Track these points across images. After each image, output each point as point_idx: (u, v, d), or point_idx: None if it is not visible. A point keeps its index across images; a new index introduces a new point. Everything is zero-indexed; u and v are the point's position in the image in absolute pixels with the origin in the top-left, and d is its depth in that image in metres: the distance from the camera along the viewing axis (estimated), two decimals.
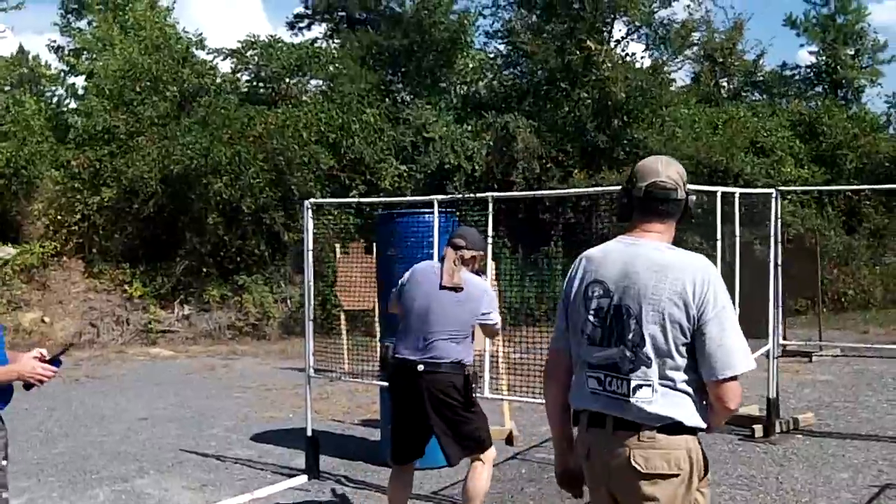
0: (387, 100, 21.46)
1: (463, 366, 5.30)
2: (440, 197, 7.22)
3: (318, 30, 26.87)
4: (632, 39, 22.81)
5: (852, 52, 28.85)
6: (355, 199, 14.59)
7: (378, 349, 7.97)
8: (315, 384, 8.20)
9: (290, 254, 18.11)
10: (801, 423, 8.81)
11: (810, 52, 29.68)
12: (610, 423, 3.06)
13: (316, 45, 24.19)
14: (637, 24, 22.21)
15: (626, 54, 21.70)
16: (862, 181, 21.78)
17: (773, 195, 8.66)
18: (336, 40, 25.26)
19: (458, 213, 7.82)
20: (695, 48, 25.10)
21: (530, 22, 22.10)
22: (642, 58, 22.19)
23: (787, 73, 29.75)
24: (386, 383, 6.16)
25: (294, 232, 17.45)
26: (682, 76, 27.05)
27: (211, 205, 17.95)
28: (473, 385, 5.39)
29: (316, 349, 7.79)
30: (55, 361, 3.87)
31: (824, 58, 28.76)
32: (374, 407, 9.07)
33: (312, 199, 8.07)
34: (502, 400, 7.95)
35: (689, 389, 3.03)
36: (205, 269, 18.55)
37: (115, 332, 17.50)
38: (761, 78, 29.25)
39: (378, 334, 8.78)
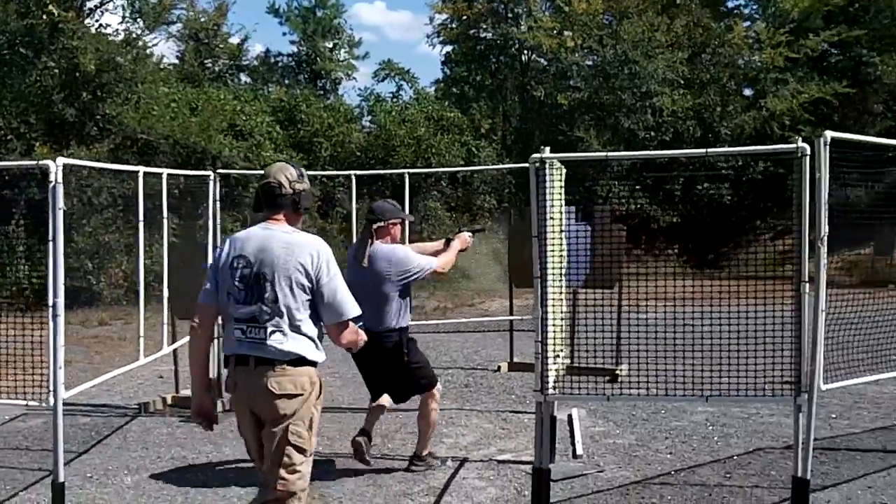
0: None
1: (394, 330, 6.11)
2: None
3: None
4: (106, 10, 21.70)
5: (330, 46, 30.37)
6: None
7: None
8: None
9: None
10: None
11: (292, 42, 30.81)
12: (252, 361, 4.06)
13: None
14: None
15: (100, 25, 20.54)
16: (336, 168, 22.83)
17: (211, 177, 8.45)
18: None
19: None
20: (178, 26, 24.64)
21: None
22: (117, 31, 21.12)
23: (272, 60, 30.54)
24: None
25: None
26: (167, 54, 26.53)
27: None
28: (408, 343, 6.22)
29: None
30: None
31: (305, 48, 29.92)
32: None
33: None
34: None
35: (311, 334, 4.13)
36: None
37: None
38: (247, 63, 29.70)
39: None
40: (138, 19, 21.31)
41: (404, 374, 6.24)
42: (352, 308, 4.17)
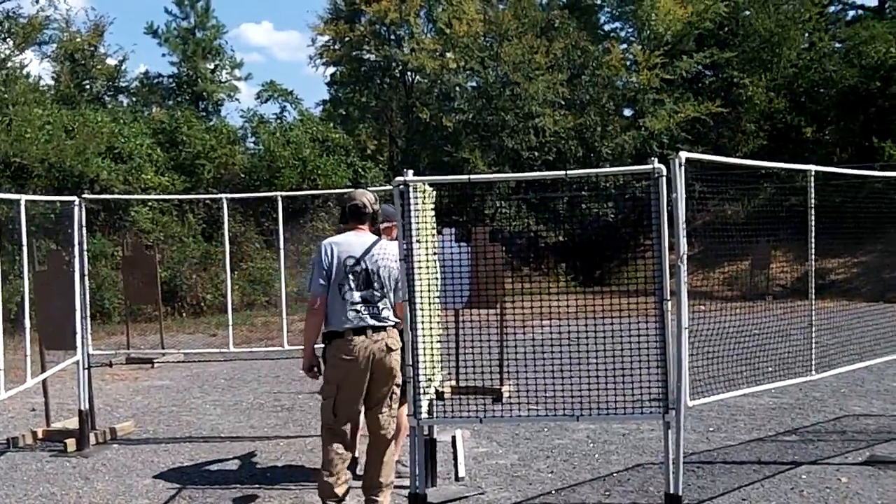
0: None
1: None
2: None
3: None
4: None
5: (211, 67, 29.87)
6: None
7: None
8: None
9: None
10: (119, 432, 8.52)
11: (171, 63, 30.15)
12: (370, 329, 5.48)
13: None
14: None
15: None
16: (220, 190, 22.39)
17: (76, 202, 8.12)
18: None
19: None
20: (52, 46, 23.89)
21: None
22: None
23: (152, 81, 29.88)
24: None
25: None
26: (43, 75, 25.63)
27: None
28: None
29: None
30: None
31: (185, 69, 29.36)
32: None
33: None
34: None
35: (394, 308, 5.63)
36: None
37: None
38: (126, 84, 28.98)
39: None
40: (7, 39, 20.54)
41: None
42: (403, 294, 5.40)
